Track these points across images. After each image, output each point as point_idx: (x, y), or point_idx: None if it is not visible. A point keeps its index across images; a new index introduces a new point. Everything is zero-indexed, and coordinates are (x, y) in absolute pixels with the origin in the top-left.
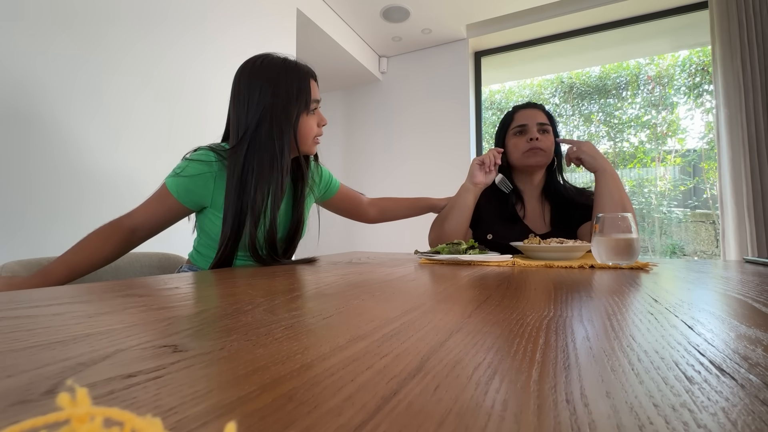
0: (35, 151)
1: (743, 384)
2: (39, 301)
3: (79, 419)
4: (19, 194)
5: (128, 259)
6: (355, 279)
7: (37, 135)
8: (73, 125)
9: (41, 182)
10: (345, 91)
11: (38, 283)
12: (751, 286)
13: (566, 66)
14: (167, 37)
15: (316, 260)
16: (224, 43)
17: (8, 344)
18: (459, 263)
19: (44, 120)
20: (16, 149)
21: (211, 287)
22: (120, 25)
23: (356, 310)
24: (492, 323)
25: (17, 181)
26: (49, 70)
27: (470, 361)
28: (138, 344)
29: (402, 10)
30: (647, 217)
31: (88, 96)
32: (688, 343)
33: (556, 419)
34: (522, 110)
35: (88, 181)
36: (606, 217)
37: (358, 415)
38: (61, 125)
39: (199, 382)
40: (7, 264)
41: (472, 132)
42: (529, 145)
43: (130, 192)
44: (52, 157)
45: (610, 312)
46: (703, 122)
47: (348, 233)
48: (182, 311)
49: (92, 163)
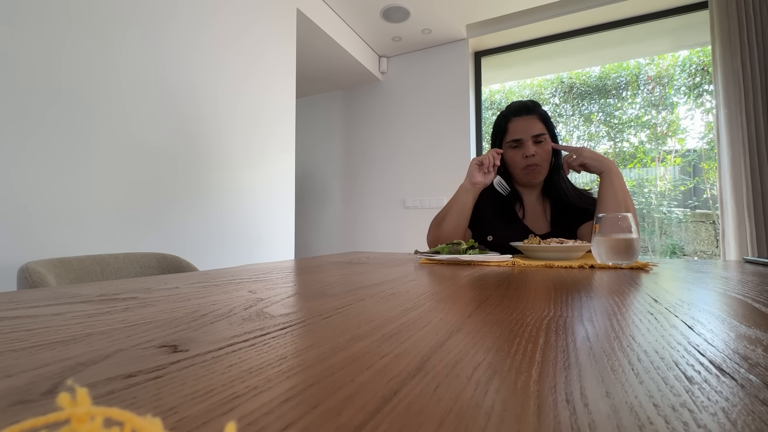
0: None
1: (743, 384)
2: (39, 301)
3: (79, 419)
4: (19, 193)
5: (128, 259)
6: (355, 279)
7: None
8: (73, 126)
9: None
10: (345, 91)
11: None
12: (751, 286)
13: (566, 66)
14: (167, 37)
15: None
16: (224, 43)
17: (8, 344)
18: (459, 263)
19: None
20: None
21: (211, 287)
22: (119, 26)
23: (356, 310)
24: (492, 323)
25: (18, 181)
26: (69, 68)
27: (470, 361)
28: (138, 344)
29: (402, 10)
30: (647, 217)
31: (87, 96)
32: (688, 343)
33: (556, 419)
34: (515, 120)
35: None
36: (606, 217)
37: (358, 415)
38: (63, 125)
39: (199, 382)
40: (29, 264)
41: (471, 132)
42: (525, 162)
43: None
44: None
45: (610, 312)
46: (703, 122)
47: (348, 233)
48: (182, 311)
49: (95, 162)
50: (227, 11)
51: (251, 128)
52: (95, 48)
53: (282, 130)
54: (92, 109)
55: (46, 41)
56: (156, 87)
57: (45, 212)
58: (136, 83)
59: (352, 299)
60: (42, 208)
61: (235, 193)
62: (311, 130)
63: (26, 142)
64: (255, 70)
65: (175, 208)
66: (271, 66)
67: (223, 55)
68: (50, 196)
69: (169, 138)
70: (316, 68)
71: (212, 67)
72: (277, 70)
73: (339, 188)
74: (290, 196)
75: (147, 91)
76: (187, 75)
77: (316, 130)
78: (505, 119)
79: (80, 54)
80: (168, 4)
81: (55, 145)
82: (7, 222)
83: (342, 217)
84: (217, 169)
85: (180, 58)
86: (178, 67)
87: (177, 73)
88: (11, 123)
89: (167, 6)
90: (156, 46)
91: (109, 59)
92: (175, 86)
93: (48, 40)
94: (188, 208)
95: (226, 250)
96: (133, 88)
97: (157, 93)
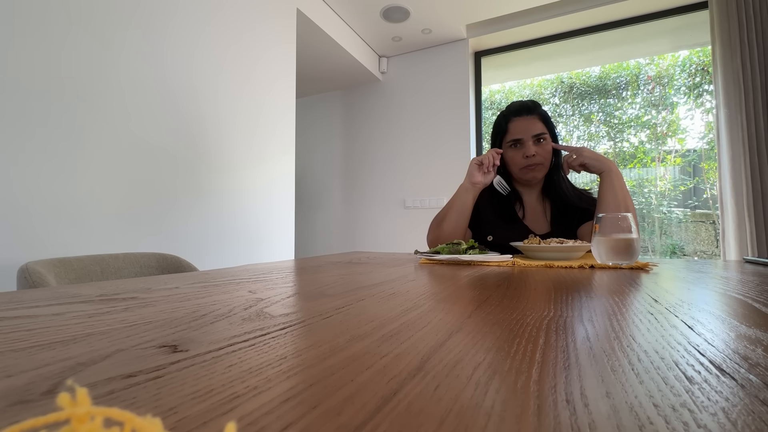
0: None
1: (743, 384)
2: (39, 301)
3: (79, 419)
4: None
5: (128, 259)
6: (355, 279)
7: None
8: (73, 126)
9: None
10: (345, 91)
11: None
12: (751, 286)
13: (566, 66)
14: (168, 38)
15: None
16: (225, 43)
17: (8, 344)
18: (459, 263)
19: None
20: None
21: (211, 287)
22: (120, 26)
23: (356, 310)
24: (492, 323)
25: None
26: (69, 67)
27: (470, 361)
28: (138, 344)
29: (402, 10)
30: (647, 217)
31: (88, 96)
32: (688, 343)
33: (556, 419)
34: (516, 120)
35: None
36: (606, 217)
37: (358, 415)
38: (63, 125)
39: (199, 382)
40: (29, 264)
41: (471, 132)
42: (526, 161)
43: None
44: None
45: (610, 312)
46: (703, 122)
47: (348, 233)
48: (182, 311)
49: (96, 163)
50: (228, 11)
51: (251, 128)
52: (96, 48)
53: (282, 131)
54: (93, 109)
55: (46, 41)
56: (156, 87)
57: (45, 212)
58: (137, 83)
59: (352, 299)
60: (42, 208)
61: (236, 193)
62: (311, 129)
63: (26, 142)
64: (255, 70)
65: (176, 209)
66: (272, 67)
67: (223, 55)
68: (51, 196)
69: (169, 138)
70: (316, 68)
71: (213, 68)
72: (277, 70)
73: (339, 188)
74: (290, 196)
75: (147, 91)
76: (188, 75)
77: (315, 130)
78: (505, 119)
79: (81, 54)
80: (168, 5)
81: (56, 145)
82: (8, 222)
83: (342, 217)
84: (218, 169)
85: (181, 58)
86: (178, 68)
87: (177, 73)
88: (11, 123)
89: (168, 6)
90: (157, 46)
91: (110, 59)
92: (176, 86)
93: (49, 40)
94: (188, 209)
95: (227, 250)
96: (134, 88)
97: (158, 93)
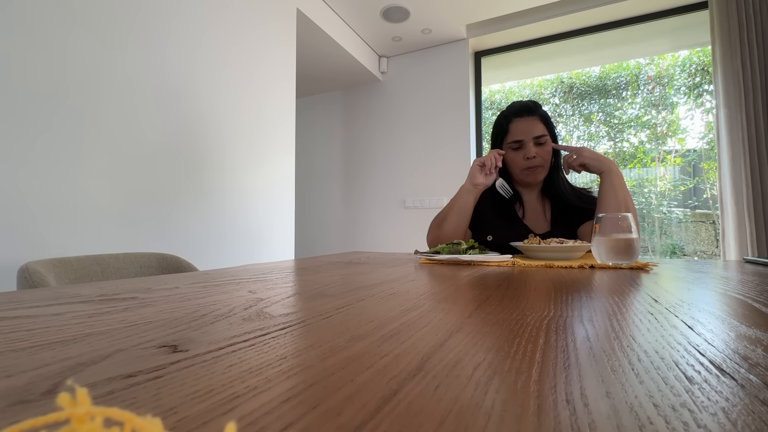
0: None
1: (743, 384)
2: (39, 301)
3: (79, 419)
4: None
5: (128, 259)
6: (355, 279)
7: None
8: (74, 126)
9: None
10: (345, 91)
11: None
12: (751, 286)
13: (566, 66)
14: (169, 40)
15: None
16: (226, 46)
17: (8, 344)
18: (459, 263)
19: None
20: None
21: (211, 287)
22: (122, 28)
23: (356, 310)
24: (492, 323)
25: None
26: (74, 64)
27: (470, 361)
28: (138, 344)
29: (402, 10)
30: (647, 217)
31: (89, 97)
32: (688, 343)
33: (556, 419)
34: (516, 121)
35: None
36: (606, 217)
37: (358, 415)
38: (64, 125)
39: (199, 382)
40: (29, 264)
41: (472, 132)
42: (526, 163)
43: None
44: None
45: (610, 312)
46: (703, 122)
47: (348, 233)
48: (182, 311)
49: (95, 162)
50: (229, 13)
51: (252, 130)
52: (97, 49)
53: (283, 132)
54: (94, 110)
55: (49, 42)
56: (158, 88)
57: (45, 212)
58: (138, 84)
59: (352, 299)
60: (42, 208)
61: (236, 194)
62: (311, 129)
63: (27, 142)
64: (257, 72)
65: (177, 209)
66: (273, 68)
67: (225, 57)
68: (51, 196)
69: (170, 139)
70: (316, 68)
71: (214, 70)
72: (278, 72)
73: (339, 188)
74: (291, 197)
75: (149, 92)
76: (190, 77)
77: (316, 130)
78: (506, 120)
79: (83, 55)
80: (170, 8)
81: (57, 146)
82: (8, 222)
83: (342, 218)
84: (219, 170)
85: (182, 60)
86: (180, 69)
87: (179, 74)
88: (11, 123)
89: (169, 8)
90: (158, 48)
91: (111, 61)
92: (178, 88)
93: (51, 41)
94: (190, 209)
95: (227, 250)
96: (136, 89)
97: (160, 94)
